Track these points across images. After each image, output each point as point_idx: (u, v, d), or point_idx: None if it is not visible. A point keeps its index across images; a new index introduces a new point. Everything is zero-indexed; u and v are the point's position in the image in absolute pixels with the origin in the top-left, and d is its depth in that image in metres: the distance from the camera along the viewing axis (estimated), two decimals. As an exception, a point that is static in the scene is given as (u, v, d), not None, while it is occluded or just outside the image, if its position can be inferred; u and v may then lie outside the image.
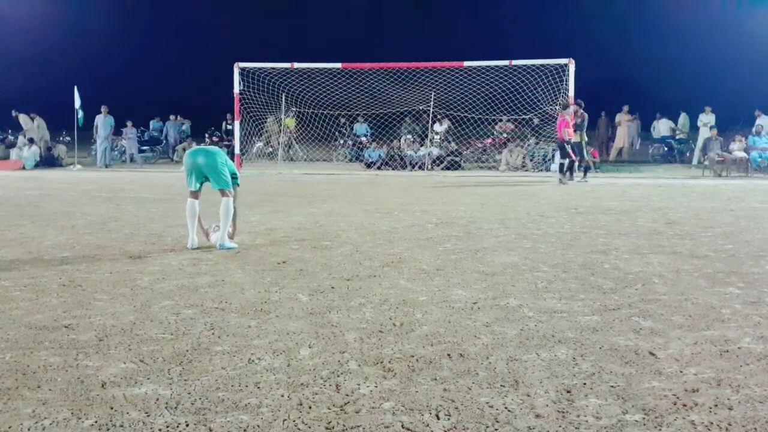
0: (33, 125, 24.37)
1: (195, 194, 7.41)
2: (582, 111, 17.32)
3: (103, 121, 23.33)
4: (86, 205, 11.67)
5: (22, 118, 24.59)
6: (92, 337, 4.22)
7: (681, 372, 3.59)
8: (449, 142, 22.24)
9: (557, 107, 19.11)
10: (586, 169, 17.43)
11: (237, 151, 20.25)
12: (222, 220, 7.27)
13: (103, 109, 23.45)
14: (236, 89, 19.78)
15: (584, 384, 3.43)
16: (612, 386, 3.40)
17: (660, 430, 2.93)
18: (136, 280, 5.78)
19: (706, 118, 22.11)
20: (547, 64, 18.80)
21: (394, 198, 12.75)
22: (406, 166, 21.62)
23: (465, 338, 4.17)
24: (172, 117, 26.84)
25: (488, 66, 19.45)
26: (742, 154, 19.49)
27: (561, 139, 16.61)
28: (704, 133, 21.77)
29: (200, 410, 3.14)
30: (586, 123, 17.38)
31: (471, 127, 21.20)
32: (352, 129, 25.19)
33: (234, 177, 7.58)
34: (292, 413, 3.10)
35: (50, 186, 16.10)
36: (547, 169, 20.31)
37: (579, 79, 18.31)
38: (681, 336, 4.20)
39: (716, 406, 3.16)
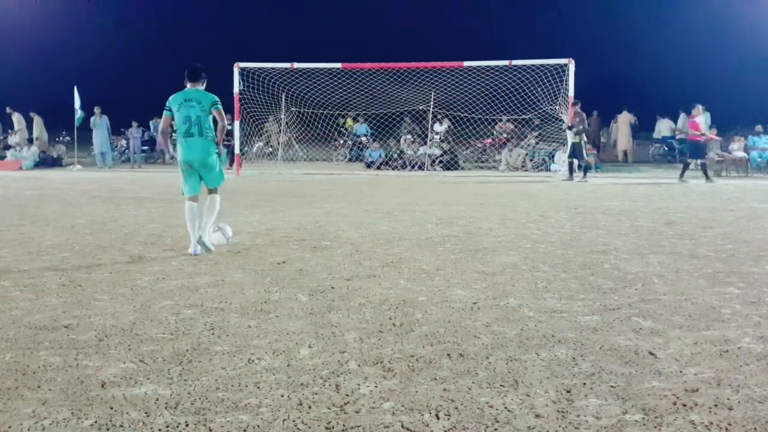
0: (24, 126, 24.24)
1: (194, 198, 7.08)
2: (580, 111, 17.36)
3: (98, 123, 23.26)
4: (86, 205, 11.67)
5: (17, 117, 24.47)
6: (92, 337, 4.22)
7: (681, 372, 3.59)
8: (449, 143, 22.25)
9: (556, 107, 19.12)
10: (586, 169, 17.46)
11: (237, 151, 20.26)
12: (207, 215, 7.04)
13: (97, 110, 23.35)
14: (236, 89, 19.77)
15: (584, 384, 3.43)
16: (612, 386, 3.40)
17: (660, 430, 2.93)
18: (136, 280, 5.78)
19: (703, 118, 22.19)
20: (547, 64, 18.79)
21: (394, 198, 12.75)
22: (406, 166, 21.62)
23: (465, 338, 4.17)
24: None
25: (488, 66, 19.44)
26: (742, 154, 19.49)
27: (696, 139, 16.78)
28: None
29: (200, 410, 3.14)
30: (586, 123, 17.39)
31: (471, 127, 21.20)
32: (352, 129, 25.19)
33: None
34: (292, 413, 3.10)
35: (50, 186, 16.10)
36: (547, 169, 20.31)
37: (579, 79, 18.30)
38: (681, 336, 4.21)
39: (716, 406, 3.17)
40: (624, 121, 23.91)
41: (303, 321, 4.56)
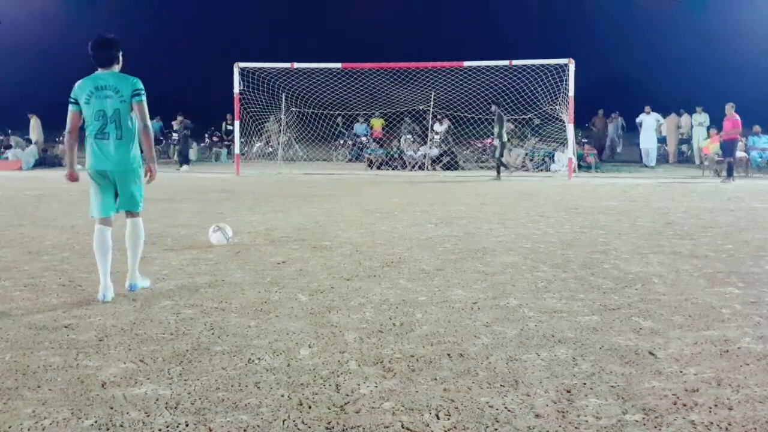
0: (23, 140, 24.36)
1: (107, 221, 5.29)
2: (500, 113, 17.85)
3: None
4: (86, 205, 11.61)
5: (13, 140, 24.60)
6: (92, 337, 4.22)
7: (681, 372, 3.59)
8: (449, 143, 22.27)
9: (556, 107, 19.12)
10: (500, 167, 17.86)
11: (237, 150, 20.27)
12: (130, 249, 5.32)
13: None
14: (236, 89, 19.77)
15: (584, 384, 3.43)
16: (612, 386, 3.40)
17: (660, 430, 2.93)
18: (136, 280, 5.77)
19: (700, 118, 22.20)
20: (547, 64, 18.79)
21: (394, 198, 12.75)
22: (406, 166, 21.63)
23: (465, 338, 4.17)
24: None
25: (488, 66, 19.44)
26: (742, 154, 19.49)
27: (735, 139, 17.21)
28: (699, 132, 21.86)
29: (200, 410, 3.14)
30: (504, 125, 17.89)
31: (471, 127, 21.20)
32: (351, 129, 25.21)
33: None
34: (292, 413, 3.10)
35: (50, 186, 16.09)
36: (547, 169, 20.34)
37: (579, 79, 18.30)
38: (681, 336, 4.21)
39: (716, 406, 3.17)
40: (672, 123, 23.69)
41: (303, 321, 4.56)
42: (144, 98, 5.12)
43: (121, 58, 5.24)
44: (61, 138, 27.71)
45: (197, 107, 31.23)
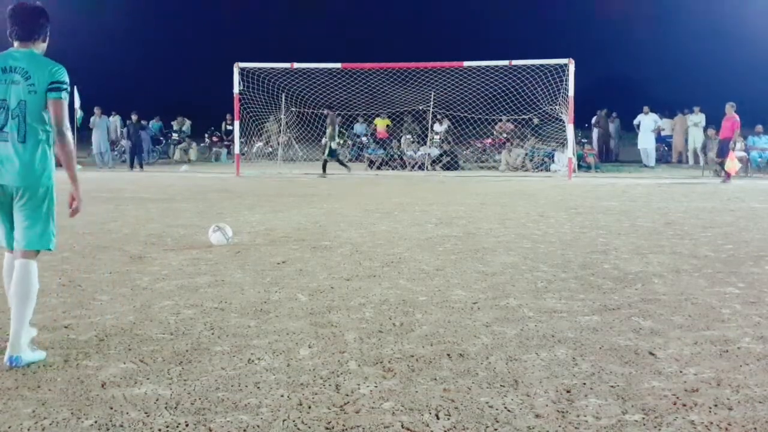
0: None
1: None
2: (332, 116, 18.58)
3: (98, 123, 23.32)
4: (86, 205, 11.62)
5: None
6: (92, 337, 4.22)
7: (681, 372, 3.59)
8: (449, 143, 22.28)
9: (556, 107, 19.12)
10: (332, 165, 18.54)
11: (237, 150, 20.27)
12: (18, 305, 3.68)
13: (97, 110, 23.38)
14: (236, 89, 19.75)
15: (584, 384, 3.43)
16: (612, 386, 3.40)
17: (660, 430, 2.93)
18: (136, 280, 5.77)
19: (696, 118, 22.15)
20: (547, 64, 18.79)
21: (394, 198, 12.75)
22: (406, 166, 21.64)
23: (465, 338, 4.17)
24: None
25: (488, 66, 19.43)
26: (742, 154, 19.48)
27: (729, 138, 17.30)
28: (694, 132, 21.83)
29: (200, 410, 3.14)
30: (336, 127, 18.76)
31: (471, 127, 21.21)
32: (351, 129, 25.22)
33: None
34: (292, 413, 3.10)
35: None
36: (547, 169, 20.34)
37: (579, 79, 18.29)
38: (681, 336, 4.21)
39: (716, 406, 3.17)
40: (680, 123, 23.55)
41: (303, 321, 4.56)
42: (64, 96, 3.78)
43: (47, 36, 3.97)
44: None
45: (197, 107, 31.27)
